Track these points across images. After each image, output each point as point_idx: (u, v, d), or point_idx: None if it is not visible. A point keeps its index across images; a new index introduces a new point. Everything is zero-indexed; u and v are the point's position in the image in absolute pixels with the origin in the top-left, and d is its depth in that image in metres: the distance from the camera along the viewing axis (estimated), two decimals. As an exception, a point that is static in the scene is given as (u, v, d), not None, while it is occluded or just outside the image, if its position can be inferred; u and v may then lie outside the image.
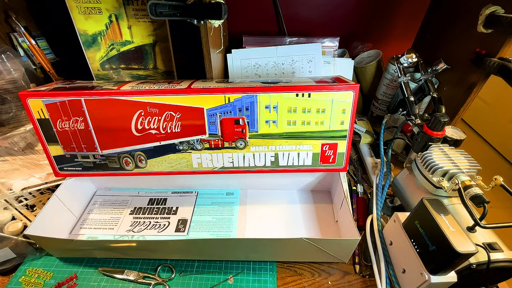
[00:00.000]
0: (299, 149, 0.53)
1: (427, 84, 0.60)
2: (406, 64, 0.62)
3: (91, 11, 0.62)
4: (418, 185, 0.51)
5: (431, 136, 0.51)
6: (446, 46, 0.65)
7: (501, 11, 0.51)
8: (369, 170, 0.67)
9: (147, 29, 0.65)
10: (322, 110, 0.49)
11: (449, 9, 0.65)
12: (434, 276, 0.38)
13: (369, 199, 0.61)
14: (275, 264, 0.50)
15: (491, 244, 0.39)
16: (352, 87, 0.48)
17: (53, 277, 0.48)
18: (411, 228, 0.42)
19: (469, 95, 0.58)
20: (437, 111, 0.54)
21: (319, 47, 0.69)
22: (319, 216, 0.58)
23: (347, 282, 0.48)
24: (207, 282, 0.47)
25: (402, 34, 0.83)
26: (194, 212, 0.59)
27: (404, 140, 0.61)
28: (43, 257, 0.51)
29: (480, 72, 0.55)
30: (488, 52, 0.53)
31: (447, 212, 0.39)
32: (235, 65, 0.70)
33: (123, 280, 0.48)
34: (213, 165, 0.55)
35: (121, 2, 0.61)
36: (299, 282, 0.48)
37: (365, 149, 0.72)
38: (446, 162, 0.47)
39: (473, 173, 0.45)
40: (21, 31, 0.67)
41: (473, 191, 0.41)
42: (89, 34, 0.65)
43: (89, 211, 0.59)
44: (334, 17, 0.80)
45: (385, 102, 0.74)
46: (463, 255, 0.34)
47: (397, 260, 0.45)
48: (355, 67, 0.77)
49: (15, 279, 0.47)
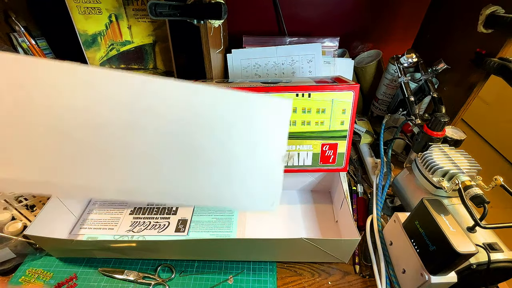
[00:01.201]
0: (299, 149, 0.53)
1: (427, 84, 0.60)
2: (406, 64, 0.62)
3: (91, 11, 0.62)
4: (418, 185, 0.51)
5: (431, 136, 0.51)
6: (446, 46, 0.65)
7: (501, 11, 0.50)
8: (369, 170, 0.67)
9: (147, 29, 0.65)
10: (322, 110, 0.49)
11: (449, 9, 0.65)
12: (434, 277, 0.38)
13: (369, 199, 0.61)
14: (275, 264, 0.50)
15: (491, 244, 0.39)
16: (352, 87, 0.48)
17: (53, 277, 0.48)
18: (411, 228, 0.42)
19: (469, 95, 0.58)
20: (437, 111, 0.54)
21: (319, 47, 0.69)
22: (319, 216, 0.58)
23: (347, 282, 0.48)
24: (207, 282, 0.47)
25: (402, 34, 0.83)
26: (194, 212, 0.59)
27: (404, 140, 0.61)
28: (43, 257, 0.51)
29: (480, 72, 0.55)
30: (488, 52, 0.53)
31: (447, 212, 0.39)
32: (235, 65, 0.70)
33: (123, 280, 0.48)
34: (213, 165, 0.55)
35: (121, 2, 0.61)
36: (299, 282, 0.48)
37: (365, 149, 0.72)
38: (446, 162, 0.47)
39: (473, 173, 0.45)
40: (21, 31, 0.67)
41: (473, 191, 0.41)
42: (89, 34, 0.65)
43: (89, 211, 0.59)
44: (334, 17, 0.80)
45: (385, 102, 0.74)
46: (463, 255, 0.34)
47: (397, 260, 0.45)
48: (355, 67, 0.77)
49: (15, 279, 0.47)
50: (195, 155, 0.25)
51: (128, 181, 0.25)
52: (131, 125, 0.24)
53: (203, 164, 0.26)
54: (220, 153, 0.26)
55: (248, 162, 0.27)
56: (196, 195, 0.27)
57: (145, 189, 0.25)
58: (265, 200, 0.28)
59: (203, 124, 0.25)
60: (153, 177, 0.25)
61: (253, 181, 0.28)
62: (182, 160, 0.25)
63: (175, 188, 0.26)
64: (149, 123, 0.24)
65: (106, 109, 0.23)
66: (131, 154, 0.24)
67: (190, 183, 0.26)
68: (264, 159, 0.27)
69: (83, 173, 0.24)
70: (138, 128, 0.24)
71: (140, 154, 0.24)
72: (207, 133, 0.25)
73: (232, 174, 0.27)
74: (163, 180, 0.25)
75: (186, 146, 0.25)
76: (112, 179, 0.25)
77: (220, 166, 0.26)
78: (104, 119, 0.23)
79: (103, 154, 0.24)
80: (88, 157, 0.24)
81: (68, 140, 0.23)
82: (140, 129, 0.24)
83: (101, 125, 0.23)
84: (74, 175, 0.24)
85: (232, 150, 0.26)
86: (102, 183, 0.24)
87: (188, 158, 0.25)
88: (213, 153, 0.26)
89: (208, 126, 0.25)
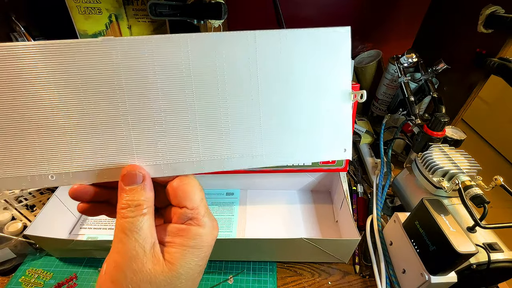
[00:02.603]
0: (299, 149, 0.53)
1: (427, 84, 0.60)
2: (406, 64, 0.62)
3: (91, 11, 0.62)
4: (418, 185, 0.51)
5: (431, 136, 0.51)
6: (446, 46, 0.65)
7: (501, 11, 0.51)
8: (369, 170, 0.67)
9: (147, 29, 0.65)
10: (322, 110, 0.49)
11: (449, 9, 0.65)
12: (434, 277, 0.38)
13: (369, 199, 0.61)
14: (275, 264, 0.50)
15: (491, 245, 0.39)
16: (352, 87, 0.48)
17: (53, 277, 0.48)
18: (411, 228, 0.42)
19: (469, 95, 0.58)
20: (437, 111, 0.54)
21: (319, 47, 0.69)
22: (319, 216, 0.58)
23: (347, 282, 0.48)
24: (207, 282, 0.47)
25: (402, 34, 0.83)
26: (194, 212, 0.58)
27: (404, 140, 0.61)
28: (43, 257, 0.51)
29: (480, 72, 0.55)
30: (488, 52, 0.53)
31: (447, 212, 0.39)
32: (235, 65, 0.70)
33: (123, 280, 0.48)
34: (213, 165, 0.55)
35: (121, 2, 0.61)
36: (299, 282, 0.48)
37: (365, 149, 0.72)
38: (446, 162, 0.47)
39: (473, 173, 0.45)
40: (21, 31, 0.67)
41: (473, 191, 0.41)
42: (89, 34, 0.65)
43: (89, 211, 0.59)
44: (334, 17, 0.80)
45: (385, 102, 0.74)
46: (463, 255, 0.34)
47: (397, 260, 0.45)
48: (355, 67, 0.77)
49: (15, 279, 0.47)
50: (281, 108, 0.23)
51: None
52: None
53: (279, 115, 0.23)
54: (288, 99, 0.23)
55: (315, 105, 0.24)
56: (277, 153, 0.24)
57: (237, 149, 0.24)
58: (337, 146, 0.25)
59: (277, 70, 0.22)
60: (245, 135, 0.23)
61: (323, 127, 0.25)
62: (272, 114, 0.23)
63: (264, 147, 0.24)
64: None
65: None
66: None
67: (279, 136, 0.24)
68: (330, 100, 0.24)
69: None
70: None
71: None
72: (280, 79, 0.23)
73: (302, 122, 0.24)
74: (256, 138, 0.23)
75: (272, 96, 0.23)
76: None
77: (291, 115, 0.24)
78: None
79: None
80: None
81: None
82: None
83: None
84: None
85: (299, 95, 0.24)
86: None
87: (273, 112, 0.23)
88: (284, 101, 0.23)
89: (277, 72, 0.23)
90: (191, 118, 0.22)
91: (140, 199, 0.20)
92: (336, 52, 0.24)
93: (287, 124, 0.24)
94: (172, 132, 0.22)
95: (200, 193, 0.23)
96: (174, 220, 0.22)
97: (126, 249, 0.19)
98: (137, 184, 0.21)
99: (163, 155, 0.23)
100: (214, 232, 0.23)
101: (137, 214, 0.20)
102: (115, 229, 0.20)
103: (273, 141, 0.24)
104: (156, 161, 0.23)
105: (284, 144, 0.24)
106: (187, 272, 0.20)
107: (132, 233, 0.19)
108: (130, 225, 0.20)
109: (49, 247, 0.49)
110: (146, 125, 0.22)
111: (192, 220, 0.22)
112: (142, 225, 0.20)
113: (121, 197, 0.20)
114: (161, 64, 0.21)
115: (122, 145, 0.22)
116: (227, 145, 0.24)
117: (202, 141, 0.23)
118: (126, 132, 0.22)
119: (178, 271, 0.20)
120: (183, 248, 0.21)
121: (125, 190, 0.20)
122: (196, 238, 0.21)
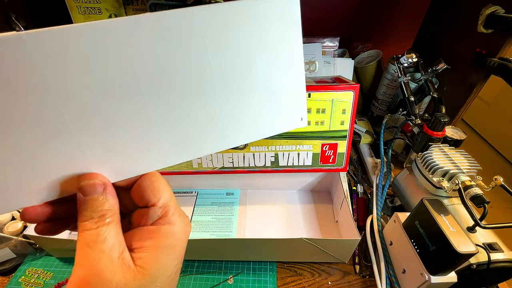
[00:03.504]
0: (299, 149, 0.53)
1: (427, 84, 0.60)
2: (406, 64, 0.62)
3: (91, 11, 0.62)
4: (418, 185, 0.51)
5: (431, 136, 0.51)
6: (446, 46, 0.65)
7: (501, 11, 0.50)
8: (369, 170, 0.67)
9: (147, 29, 0.65)
10: (322, 110, 0.49)
11: (449, 9, 0.65)
12: (434, 277, 0.38)
13: (369, 199, 0.61)
14: (275, 264, 0.50)
15: (491, 245, 0.39)
16: (352, 87, 0.48)
17: (53, 277, 0.48)
18: (411, 228, 0.42)
19: (469, 95, 0.58)
20: (437, 111, 0.54)
21: (319, 47, 0.69)
22: (319, 216, 0.58)
23: (347, 282, 0.48)
24: (207, 282, 0.47)
25: (402, 34, 0.83)
26: (194, 212, 0.59)
27: (404, 140, 0.61)
28: (43, 257, 0.51)
29: (480, 72, 0.55)
30: (488, 52, 0.53)
31: (447, 212, 0.39)
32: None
33: (123, 280, 0.48)
34: (213, 165, 0.55)
35: (121, 2, 0.61)
36: (299, 282, 0.48)
37: (365, 149, 0.72)
38: (446, 162, 0.47)
39: (473, 173, 0.45)
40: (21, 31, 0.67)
41: (473, 191, 0.41)
42: (89, 34, 0.65)
43: (89, 211, 0.59)
44: (334, 17, 0.80)
45: (385, 102, 0.74)
46: (463, 255, 0.34)
47: (397, 260, 0.45)
48: (355, 67, 0.77)
49: (15, 279, 0.47)
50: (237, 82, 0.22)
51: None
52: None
53: (238, 90, 0.23)
54: (241, 74, 0.22)
55: (269, 77, 0.23)
56: (240, 129, 0.23)
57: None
58: (293, 116, 0.25)
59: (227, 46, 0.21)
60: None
61: (279, 99, 0.24)
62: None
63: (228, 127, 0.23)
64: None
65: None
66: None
67: (236, 115, 0.23)
68: (282, 70, 0.24)
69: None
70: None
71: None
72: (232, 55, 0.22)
73: (257, 96, 0.23)
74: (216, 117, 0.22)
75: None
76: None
77: (244, 90, 0.23)
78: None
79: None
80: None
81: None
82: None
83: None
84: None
85: (251, 69, 0.23)
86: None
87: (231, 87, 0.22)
88: (237, 76, 0.22)
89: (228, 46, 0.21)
90: (143, 112, 0.20)
91: (104, 208, 0.19)
92: (284, 19, 0.22)
93: (241, 99, 0.23)
94: (127, 130, 0.20)
95: (169, 189, 0.22)
96: (143, 222, 0.21)
97: (92, 263, 0.18)
98: (98, 193, 0.19)
99: (122, 156, 0.21)
100: (187, 229, 0.22)
101: (100, 225, 0.18)
102: (77, 244, 0.18)
103: (229, 120, 0.23)
104: (115, 164, 0.21)
105: (241, 122, 0.24)
106: (163, 274, 0.20)
107: (96, 245, 0.18)
108: (93, 237, 0.18)
109: (49, 247, 0.49)
110: (95, 126, 0.19)
111: (162, 219, 0.21)
112: (107, 235, 0.18)
113: (81, 209, 0.19)
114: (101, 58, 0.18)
115: (72, 154, 0.19)
116: (186, 133, 0.22)
117: (161, 134, 0.21)
118: (74, 139, 0.19)
119: (154, 274, 0.19)
120: (156, 250, 0.20)
121: (85, 201, 0.19)
122: (168, 237, 0.20)
